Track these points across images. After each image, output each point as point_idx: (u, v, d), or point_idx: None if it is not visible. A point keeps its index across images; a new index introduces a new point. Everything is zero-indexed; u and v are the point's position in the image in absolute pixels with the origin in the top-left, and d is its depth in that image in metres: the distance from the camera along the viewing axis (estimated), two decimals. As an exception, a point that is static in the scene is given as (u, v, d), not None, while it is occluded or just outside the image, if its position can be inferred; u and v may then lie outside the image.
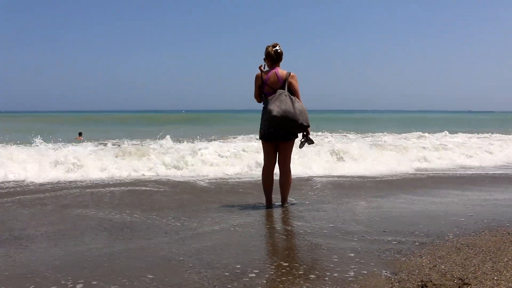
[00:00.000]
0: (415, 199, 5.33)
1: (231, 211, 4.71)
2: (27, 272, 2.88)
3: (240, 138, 15.17)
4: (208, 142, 11.55)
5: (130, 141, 11.08)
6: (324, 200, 5.29)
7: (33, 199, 5.45)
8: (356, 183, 6.77)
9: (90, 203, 5.20)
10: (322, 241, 3.52)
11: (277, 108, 4.47)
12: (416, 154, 9.64)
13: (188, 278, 2.71)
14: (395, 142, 12.62)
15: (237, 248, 3.36)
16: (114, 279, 2.71)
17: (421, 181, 6.98)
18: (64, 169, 7.35)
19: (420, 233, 3.75)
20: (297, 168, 7.10)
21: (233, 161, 8.35)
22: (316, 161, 8.28)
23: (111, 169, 7.58)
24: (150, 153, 8.41)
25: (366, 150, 9.39)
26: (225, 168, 7.90)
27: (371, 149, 9.83)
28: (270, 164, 4.85)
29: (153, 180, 6.96)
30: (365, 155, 8.93)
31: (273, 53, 4.70)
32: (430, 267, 2.86)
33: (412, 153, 9.70)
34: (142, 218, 4.40)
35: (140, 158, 8.21)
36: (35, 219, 4.41)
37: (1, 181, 6.64)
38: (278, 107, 4.48)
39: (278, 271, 2.84)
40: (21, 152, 8.05)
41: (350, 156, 8.81)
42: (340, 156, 8.79)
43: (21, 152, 8.10)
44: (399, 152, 9.76)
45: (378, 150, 9.77)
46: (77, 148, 9.11)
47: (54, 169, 7.35)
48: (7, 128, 26.66)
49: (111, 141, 13.24)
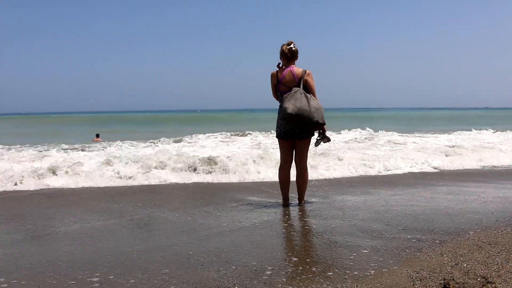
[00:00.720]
0: (433, 197, 5.26)
1: (248, 210, 4.71)
2: (48, 268, 2.91)
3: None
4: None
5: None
6: (342, 198, 5.26)
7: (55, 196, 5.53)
8: (380, 178, 6.71)
9: (110, 202, 5.25)
10: (340, 239, 3.50)
11: (292, 106, 4.45)
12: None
13: (208, 276, 2.71)
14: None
15: (256, 246, 3.35)
16: (134, 276, 2.73)
17: (439, 177, 6.89)
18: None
19: (439, 230, 3.70)
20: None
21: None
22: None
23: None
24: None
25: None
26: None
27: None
28: (286, 162, 4.83)
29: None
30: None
31: (287, 51, 4.68)
32: (452, 265, 2.82)
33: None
34: (161, 216, 4.43)
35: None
36: (56, 217, 4.48)
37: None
38: (293, 105, 4.46)
39: (297, 269, 2.83)
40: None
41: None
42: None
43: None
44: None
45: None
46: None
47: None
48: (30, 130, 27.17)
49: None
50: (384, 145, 11.29)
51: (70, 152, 9.01)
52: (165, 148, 10.26)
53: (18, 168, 6.89)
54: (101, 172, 6.87)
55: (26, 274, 2.82)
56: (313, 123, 4.54)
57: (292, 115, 4.45)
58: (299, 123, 4.52)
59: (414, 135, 14.92)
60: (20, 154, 8.55)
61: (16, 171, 6.63)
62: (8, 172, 6.53)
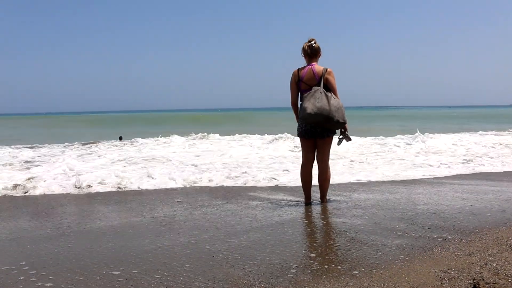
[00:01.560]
0: (458, 195, 5.18)
1: (270, 208, 4.70)
2: (75, 264, 2.96)
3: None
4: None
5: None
6: (364, 197, 5.21)
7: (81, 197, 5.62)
8: (397, 182, 6.64)
9: (132, 200, 5.31)
10: (364, 238, 3.46)
11: (311, 106, 4.42)
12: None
13: (233, 274, 2.71)
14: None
15: (279, 244, 3.34)
16: (159, 273, 2.75)
17: (463, 178, 6.77)
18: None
19: (466, 229, 3.64)
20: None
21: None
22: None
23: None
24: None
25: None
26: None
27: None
28: (308, 161, 4.81)
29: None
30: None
31: (307, 48, 4.64)
32: (481, 265, 2.77)
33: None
34: (184, 215, 4.46)
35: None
36: (82, 216, 4.55)
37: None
38: (312, 104, 4.42)
39: (322, 267, 2.81)
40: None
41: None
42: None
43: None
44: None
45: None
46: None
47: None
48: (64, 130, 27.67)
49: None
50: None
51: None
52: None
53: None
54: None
55: (54, 270, 2.87)
56: (334, 122, 4.50)
57: (311, 114, 4.42)
58: (319, 122, 4.49)
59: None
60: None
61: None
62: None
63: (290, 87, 4.73)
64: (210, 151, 11.14)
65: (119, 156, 9.94)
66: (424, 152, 10.35)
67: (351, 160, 8.91)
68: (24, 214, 4.68)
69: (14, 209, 4.97)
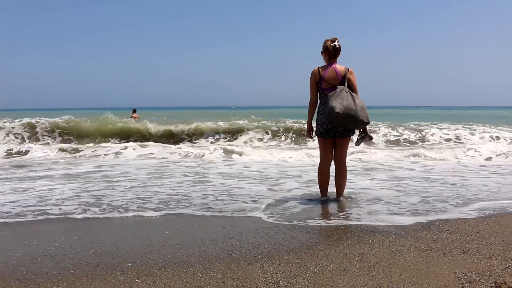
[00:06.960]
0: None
1: (286, 206, 4.69)
2: (94, 259, 3.00)
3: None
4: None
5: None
6: (378, 197, 5.17)
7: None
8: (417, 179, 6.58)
9: (150, 198, 5.36)
10: (381, 238, 3.44)
11: (339, 105, 4.39)
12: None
13: (252, 272, 2.72)
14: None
15: (296, 243, 3.34)
16: (179, 270, 2.77)
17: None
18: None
19: (485, 232, 3.59)
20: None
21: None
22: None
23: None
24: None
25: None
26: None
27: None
28: (326, 160, 4.79)
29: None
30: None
31: (331, 48, 4.61)
32: (503, 268, 2.73)
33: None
34: (199, 211, 4.48)
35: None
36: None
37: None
38: (340, 104, 4.40)
39: (340, 266, 2.80)
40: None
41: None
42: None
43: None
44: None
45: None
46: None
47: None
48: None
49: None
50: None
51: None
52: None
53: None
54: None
55: (75, 264, 2.91)
56: (359, 122, 4.48)
57: (339, 114, 4.39)
58: (346, 122, 4.46)
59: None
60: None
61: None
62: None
63: (310, 86, 4.69)
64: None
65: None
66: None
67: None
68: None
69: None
